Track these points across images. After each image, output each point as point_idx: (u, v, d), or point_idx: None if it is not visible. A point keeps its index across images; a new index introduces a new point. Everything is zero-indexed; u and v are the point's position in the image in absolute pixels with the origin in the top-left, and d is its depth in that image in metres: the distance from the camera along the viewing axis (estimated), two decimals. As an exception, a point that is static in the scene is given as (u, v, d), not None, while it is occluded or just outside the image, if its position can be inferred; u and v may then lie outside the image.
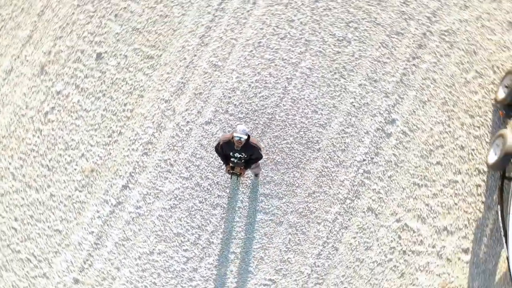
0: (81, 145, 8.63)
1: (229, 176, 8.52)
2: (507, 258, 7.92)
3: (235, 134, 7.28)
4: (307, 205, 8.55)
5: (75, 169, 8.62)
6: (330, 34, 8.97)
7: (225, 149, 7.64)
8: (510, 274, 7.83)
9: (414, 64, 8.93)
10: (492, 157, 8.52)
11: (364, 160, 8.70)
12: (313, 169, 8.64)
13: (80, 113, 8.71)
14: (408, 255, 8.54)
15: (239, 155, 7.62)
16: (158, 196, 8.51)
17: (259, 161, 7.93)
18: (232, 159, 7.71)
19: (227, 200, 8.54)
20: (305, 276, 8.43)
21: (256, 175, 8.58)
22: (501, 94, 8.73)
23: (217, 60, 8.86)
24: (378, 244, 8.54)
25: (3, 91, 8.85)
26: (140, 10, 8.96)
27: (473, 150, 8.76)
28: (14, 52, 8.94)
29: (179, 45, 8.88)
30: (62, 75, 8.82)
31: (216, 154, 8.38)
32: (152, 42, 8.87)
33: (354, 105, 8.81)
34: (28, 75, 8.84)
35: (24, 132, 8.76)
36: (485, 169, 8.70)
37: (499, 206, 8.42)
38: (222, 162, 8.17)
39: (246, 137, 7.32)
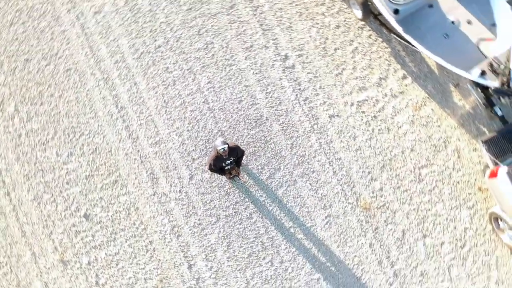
0: (137, 275, 9.99)
1: (232, 181, 9.96)
2: (421, 52, 9.77)
3: (218, 148, 8.74)
4: (296, 155, 10.14)
5: (151, 292, 10.01)
6: (197, 50, 10.57)
7: (217, 164, 9.09)
8: (432, 59, 9.74)
9: (260, 12, 10.65)
10: (358, 13, 10.35)
11: (297, 94, 10.42)
12: (276, 132, 10.25)
13: (115, 259, 10.04)
14: (378, 116, 10.20)
15: (229, 161, 9.12)
16: (214, 249, 10.00)
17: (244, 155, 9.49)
18: (226, 167, 9.24)
19: (252, 205, 10.13)
20: (341, 193, 10.07)
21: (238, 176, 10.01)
22: (323, -26, 10.65)
23: (154, 138, 10.30)
24: (357, 129, 10.21)
25: (57, 301, 10.09)
26: (77, 163, 10.29)
27: (344, 21, 10.56)
28: (34, 272, 10.14)
29: (123, 156, 10.29)
30: (78, 251, 10.07)
31: (214, 175, 9.90)
32: (107, 172, 10.24)
33: (256, 73, 10.47)
34: (59, 275, 10.05)
35: (97, 308, 10.04)
36: (363, 23, 10.53)
37: (391, 34, 10.36)
38: (220, 175, 9.71)
39: (227, 145, 8.81)
